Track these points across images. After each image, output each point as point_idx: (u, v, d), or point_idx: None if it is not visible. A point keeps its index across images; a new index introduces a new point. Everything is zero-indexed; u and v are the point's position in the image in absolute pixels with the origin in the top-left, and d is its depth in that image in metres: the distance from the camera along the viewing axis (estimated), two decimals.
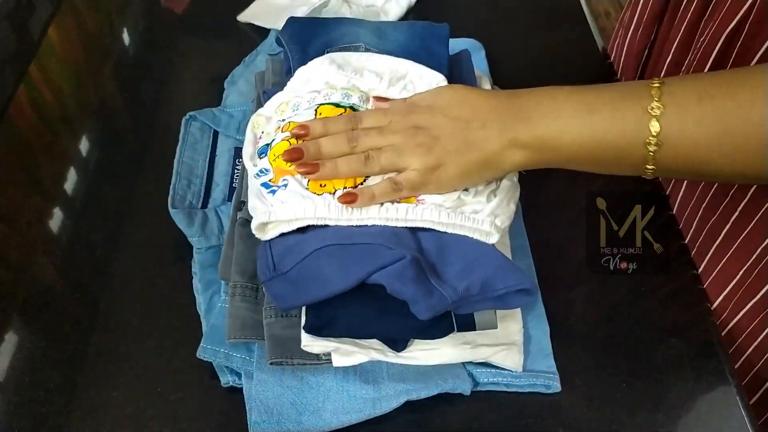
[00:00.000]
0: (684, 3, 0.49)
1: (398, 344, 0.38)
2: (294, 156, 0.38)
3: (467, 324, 0.38)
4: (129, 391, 0.41)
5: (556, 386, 0.41)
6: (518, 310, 0.43)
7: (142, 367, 0.42)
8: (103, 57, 0.65)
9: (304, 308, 0.38)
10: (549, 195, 0.50)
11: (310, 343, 0.37)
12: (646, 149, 0.34)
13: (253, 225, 0.39)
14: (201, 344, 0.41)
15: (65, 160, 0.56)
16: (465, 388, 0.39)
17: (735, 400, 0.41)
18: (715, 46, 0.44)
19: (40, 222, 0.51)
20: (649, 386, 0.41)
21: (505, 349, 0.40)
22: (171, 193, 0.48)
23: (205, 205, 0.49)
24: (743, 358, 0.48)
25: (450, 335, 0.39)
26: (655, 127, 0.34)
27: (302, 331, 0.37)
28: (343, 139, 0.39)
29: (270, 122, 0.44)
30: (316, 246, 0.36)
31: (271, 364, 0.39)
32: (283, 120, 0.43)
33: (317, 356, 0.39)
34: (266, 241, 0.39)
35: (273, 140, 0.41)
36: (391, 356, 0.38)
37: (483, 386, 0.41)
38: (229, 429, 0.39)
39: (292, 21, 0.54)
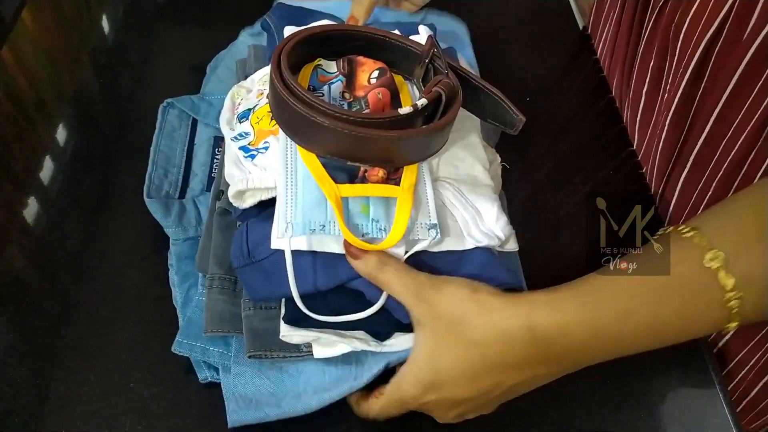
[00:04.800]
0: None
1: (381, 335, 0.37)
2: None
3: None
4: (100, 386, 0.39)
5: None
6: None
7: (114, 361, 0.40)
8: (79, 42, 0.63)
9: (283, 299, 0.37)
10: (549, 195, 0.50)
11: (289, 333, 0.36)
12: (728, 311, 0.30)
13: (230, 192, 0.38)
14: (177, 338, 0.40)
15: (38, 147, 0.54)
16: None
17: (718, 398, 0.41)
18: None
19: (11, 211, 0.49)
20: (633, 384, 0.41)
21: None
22: (147, 182, 0.47)
23: (182, 196, 0.48)
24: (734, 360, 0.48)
25: None
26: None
27: (281, 322, 0.36)
28: None
29: (251, 93, 0.43)
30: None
31: (249, 357, 0.38)
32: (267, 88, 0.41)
33: (297, 348, 0.38)
34: (244, 226, 0.38)
35: (256, 105, 0.40)
36: (374, 345, 0.37)
37: None
38: (206, 426, 0.38)
39: (281, 6, 0.53)
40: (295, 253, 0.34)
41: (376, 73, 0.39)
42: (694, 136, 0.47)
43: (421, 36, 0.46)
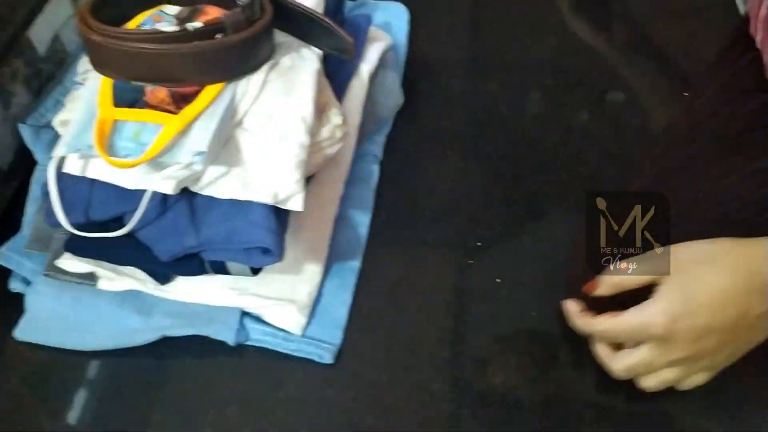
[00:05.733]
0: None
1: (160, 277, 0.37)
2: None
3: (221, 267, 0.36)
4: None
5: (328, 358, 0.38)
6: (316, 272, 0.41)
7: None
8: None
9: None
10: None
11: (66, 261, 0.37)
12: None
13: (54, 122, 0.39)
14: (1, 249, 0.42)
15: None
16: (227, 336, 0.38)
17: None
18: None
19: None
20: None
21: (280, 305, 0.38)
22: (32, 109, 0.49)
23: None
24: None
25: (221, 278, 0.37)
26: None
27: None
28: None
29: None
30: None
31: (45, 275, 0.39)
32: None
33: (91, 276, 0.39)
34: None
35: None
36: (150, 287, 0.38)
37: (253, 342, 0.39)
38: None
39: None
40: (72, 179, 0.35)
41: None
42: None
43: None
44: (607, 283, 0.36)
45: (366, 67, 0.48)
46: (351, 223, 0.45)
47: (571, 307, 0.38)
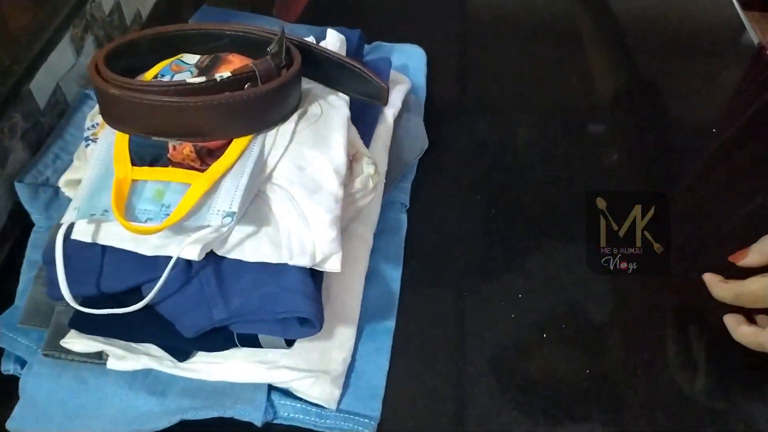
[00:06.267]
0: None
1: (179, 353, 0.33)
2: None
3: (251, 340, 0.32)
4: None
5: None
6: (349, 336, 0.37)
7: None
8: None
9: None
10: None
11: (72, 340, 0.33)
12: None
13: (60, 182, 0.35)
14: None
15: None
16: (255, 417, 0.33)
17: None
18: None
19: None
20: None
21: (313, 376, 0.34)
22: (29, 167, 0.46)
23: None
24: None
25: (246, 350, 0.33)
26: None
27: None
28: None
29: None
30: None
31: (44, 355, 0.35)
32: None
33: (99, 355, 0.35)
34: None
35: None
36: (168, 365, 0.33)
37: (282, 420, 0.35)
38: None
39: (206, 9, 0.53)
40: (80, 245, 0.31)
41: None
42: None
43: (329, 40, 0.43)
44: (757, 252, 0.35)
45: (390, 111, 0.46)
46: (382, 279, 0.42)
47: (712, 278, 0.38)
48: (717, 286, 0.38)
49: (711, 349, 0.39)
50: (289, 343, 0.32)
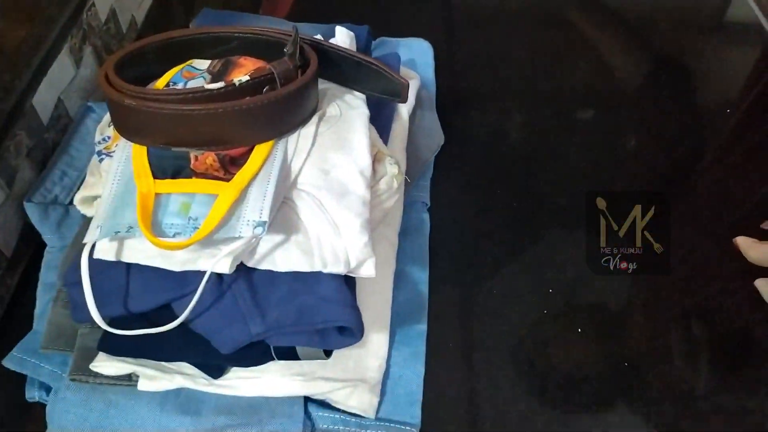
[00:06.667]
0: None
1: (213, 370, 0.32)
2: None
3: (289, 352, 0.31)
4: None
5: None
6: (382, 342, 0.36)
7: None
8: None
9: None
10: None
11: (101, 363, 0.31)
12: None
13: (76, 200, 0.34)
14: (12, 352, 0.36)
15: None
16: (294, 430, 0.32)
17: None
18: None
19: None
20: None
21: (351, 386, 0.33)
22: (36, 185, 0.44)
23: (72, 202, 0.45)
24: None
25: (281, 363, 0.32)
26: None
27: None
28: None
29: None
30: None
31: (71, 380, 0.33)
32: None
33: (128, 376, 0.33)
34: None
35: None
36: (202, 383, 0.32)
37: None
38: None
39: (207, 12, 0.51)
40: (103, 264, 0.30)
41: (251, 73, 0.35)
42: None
43: (339, 38, 0.42)
44: None
45: (405, 108, 0.45)
46: (410, 281, 0.41)
47: (744, 242, 0.38)
48: (752, 247, 0.38)
49: (714, 346, 0.38)
50: (328, 354, 0.31)
